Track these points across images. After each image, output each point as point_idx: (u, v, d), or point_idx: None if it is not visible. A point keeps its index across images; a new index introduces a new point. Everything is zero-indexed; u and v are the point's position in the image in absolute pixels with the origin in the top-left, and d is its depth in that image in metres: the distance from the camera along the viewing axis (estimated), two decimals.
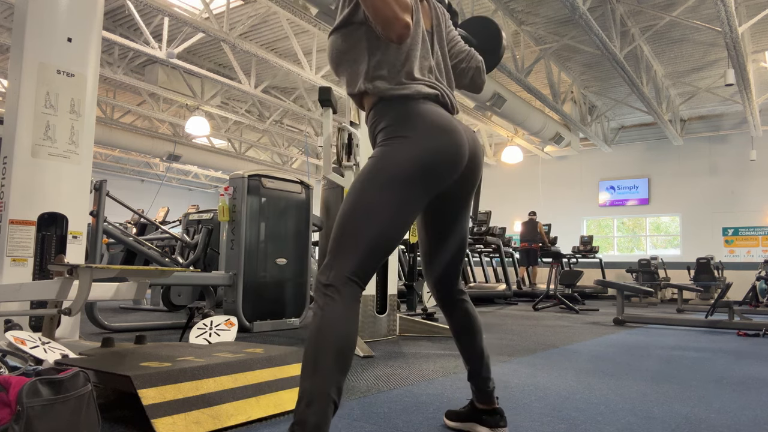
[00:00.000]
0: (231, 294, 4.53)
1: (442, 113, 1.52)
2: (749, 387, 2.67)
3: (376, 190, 1.42)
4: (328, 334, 1.33)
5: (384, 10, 1.37)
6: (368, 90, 1.52)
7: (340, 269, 1.39)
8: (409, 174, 1.42)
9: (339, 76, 1.64)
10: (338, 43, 1.57)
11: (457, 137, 1.49)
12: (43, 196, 2.96)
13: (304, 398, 1.29)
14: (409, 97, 1.49)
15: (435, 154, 1.45)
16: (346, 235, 1.41)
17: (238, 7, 8.32)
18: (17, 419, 1.28)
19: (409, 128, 1.46)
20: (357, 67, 1.54)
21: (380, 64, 1.51)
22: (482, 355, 1.78)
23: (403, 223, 1.45)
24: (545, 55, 9.29)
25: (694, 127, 13.14)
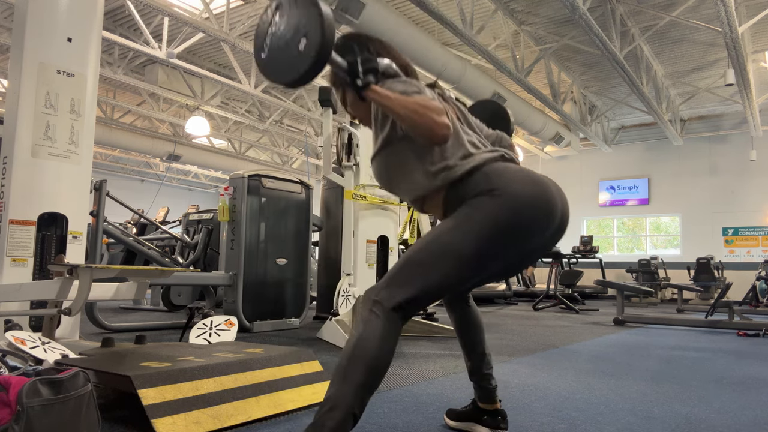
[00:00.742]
0: (231, 294, 4.53)
1: (521, 168, 1.50)
2: (749, 387, 2.67)
3: (465, 236, 1.40)
4: (366, 349, 1.34)
5: (422, 122, 1.39)
6: (435, 187, 1.50)
7: (393, 294, 1.39)
8: (505, 227, 1.40)
9: (395, 191, 1.64)
10: (386, 161, 1.59)
11: (546, 187, 1.46)
12: (43, 196, 2.96)
13: (328, 403, 1.31)
14: (478, 166, 1.48)
15: (529, 206, 1.41)
16: (415, 267, 1.41)
17: (238, 7, 8.32)
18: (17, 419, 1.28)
19: (497, 182, 1.43)
20: (414, 176, 1.54)
21: (435, 164, 1.50)
22: (483, 352, 1.80)
23: (477, 273, 1.45)
24: (545, 55, 9.28)
25: (694, 127, 13.13)
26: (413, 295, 1.39)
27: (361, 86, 1.44)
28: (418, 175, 1.53)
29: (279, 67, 1.44)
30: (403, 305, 1.39)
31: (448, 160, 1.49)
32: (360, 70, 1.46)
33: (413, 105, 1.40)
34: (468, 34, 7.33)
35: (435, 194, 1.52)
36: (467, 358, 1.81)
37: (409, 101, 1.41)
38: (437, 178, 1.49)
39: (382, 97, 1.42)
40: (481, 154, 1.51)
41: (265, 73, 1.48)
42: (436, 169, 1.49)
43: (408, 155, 1.54)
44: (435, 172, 1.49)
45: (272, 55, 1.47)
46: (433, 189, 1.50)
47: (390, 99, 1.41)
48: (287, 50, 1.42)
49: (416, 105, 1.40)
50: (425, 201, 1.56)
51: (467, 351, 1.81)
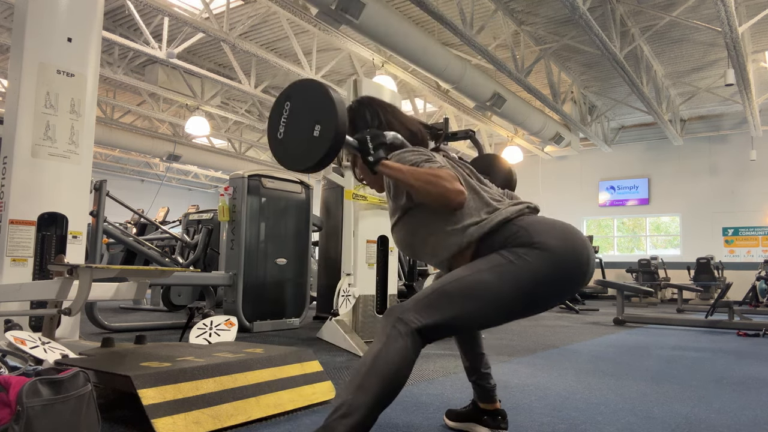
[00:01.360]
0: (231, 294, 4.53)
1: (555, 220, 1.52)
2: (749, 387, 2.67)
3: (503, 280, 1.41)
4: (385, 365, 1.35)
5: (436, 192, 1.41)
6: (466, 242, 1.50)
7: (419, 317, 1.39)
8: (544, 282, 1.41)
9: (421, 257, 1.64)
10: (408, 230, 1.60)
11: (580, 243, 1.47)
12: (43, 196, 2.96)
13: (342, 408, 1.31)
14: (508, 218, 1.49)
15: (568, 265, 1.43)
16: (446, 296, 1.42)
17: (238, 7, 8.32)
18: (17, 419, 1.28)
19: (536, 237, 1.44)
20: (440, 237, 1.54)
21: (461, 222, 1.51)
22: (480, 351, 1.81)
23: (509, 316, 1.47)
24: (545, 55, 9.28)
25: (694, 127, 13.13)
26: (439, 323, 1.40)
27: (372, 162, 1.50)
28: (444, 236, 1.53)
29: (294, 154, 1.52)
30: (427, 329, 1.39)
31: (474, 216, 1.51)
32: (370, 147, 1.52)
33: (425, 176, 1.42)
34: (468, 34, 7.32)
35: (465, 251, 1.52)
36: (464, 357, 1.82)
37: (420, 173, 1.43)
38: (466, 234, 1.49)
39: (394, 171, 1.46)
40: (507, 207, 1.53)
41: (282, 161, 1.56)
42: (463, 225, 1.50)
43: (430, 219, 1.55)
44: (463, 229, 1.50)
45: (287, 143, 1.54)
46: (464, 246, 1.50)
47: (402, 172, 1.45)
48: (301, 137, 1.50)
49: (428, 176, 1.42)
50: (454, 260, 1.55)
51: (464, 350, 1.82)
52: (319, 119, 1.45)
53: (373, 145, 1.52)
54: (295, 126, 1.53)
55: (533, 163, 15.27)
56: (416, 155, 1.54)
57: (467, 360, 1.81)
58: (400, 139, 1.65)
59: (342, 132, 1.42)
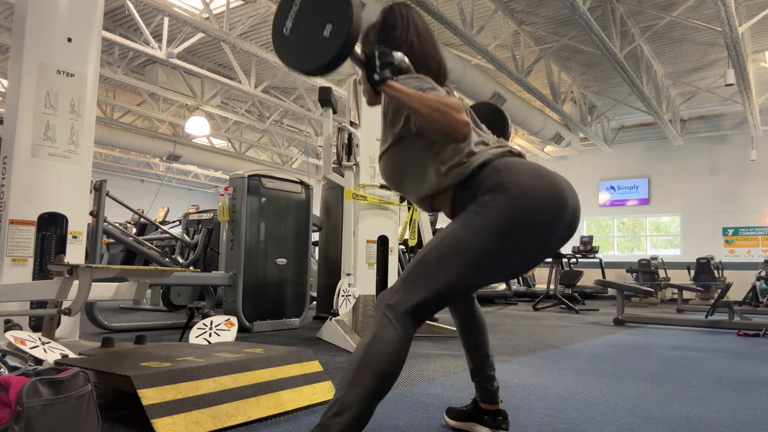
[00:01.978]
0: (231, 294, 4.53)
1: (530, 162, 1.48)
2: (749, 387, 2.67)
3: (476, 235, 1.37)
4: (377, 353, 1.33)
5: (444, 120, 1.36)
6: (446, 185, 1.49)
7: (407, 296, 1.38)
8: (515, 222, 1.37)
9: (401, 190, 1.62)
10: (395, 159, 1.57)
11: (557, 182, 1.43)
12: (43, 196, 2.96)
13: (335, 406, 1.30)
14: (486, 162, 1.46)
15: (540, 201, 1.38)
16: (428, 269, 1.40)
17: (238, 7, 8.32)
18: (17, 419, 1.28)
19: (505, 177, 1.41)
20: (424, 173, 1.52)
21: (446, 162, 1.49)
22: (486, 353, 1.79)
23: (494, 272, 1.43)
24: (545, 55, 9.28)
25: (694, 127, 13.13)
26: (427, 297, 1.38)
27: (377, 81, 1.41)
28: (428, 174, 1.51)
29: (298, 53, 1.40)
30: (417, 308, 1.37)
31: (457, 157, 1.48)
32: (377, 64, 1.42)
33: (434, 102, 1.37)
34: (468, 34, 7.32)
35: (444, 192, 1.51)
36: (470, 359, 1.80)
37: (428, 98, 1.37)
38: (448, 176, 1.48)
39: (401, 93, 1.38)
40: (490, 149, 1.50)
41: (284, 58, 1.44)
42: (446, 167, 1.48)
43: (419, 153, 1.53)
44: (446, 171, 1.48)
45: (292, 39, 1.41)
46: (443, 187, 1.49)
47: (409, 96, 1.38)
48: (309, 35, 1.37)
49: (437, 102, 1.37)
50: (434, 199, 1.54)
51: (470, 352, 1.79)
52: (332, 19, 1.33)
53: (380, 62, 1.42)
54: (304, 22, 1.40)
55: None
56: (421, 82, 1.48)
57: (472, 361, 1.79)
58: (407, 63, 1.57)
59: (354, 37, 1.30)
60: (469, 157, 1.47)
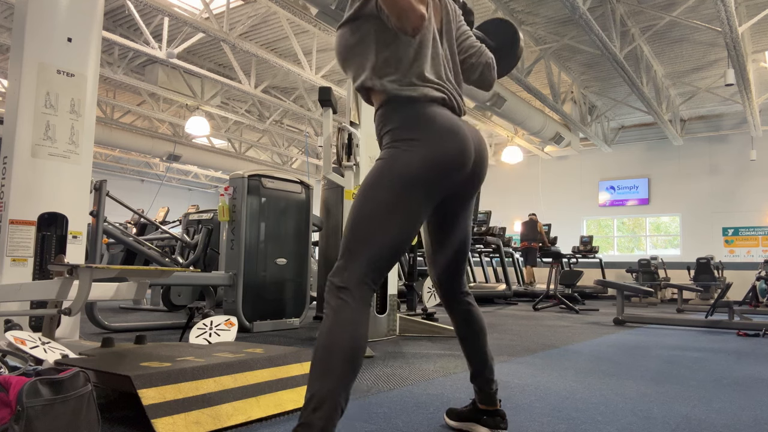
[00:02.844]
0: (231, 294, 4.53)
1: (449, 116, 1.52)
2: (749, 387, 2.67)
3: (383, 192, 1.42)
4: (340, 336, 1.33)
5: (400, 2, 1.34)
6: (375, 87, 1.51)
7: (353, 271, 1.39)
8: (417, 177, 1.42)
9: (346, 71, 1.62)
10: (346, 36, 1.56)
11: (463, 140, 1.49)
12: (43, 196, 2.96)
13: (312, 402, 1.28)
14: (416, 99, 1.49)
15: (442, 157, 1.45)
16: (357, 239, 1.41)
17: (238, 7, 8.32)
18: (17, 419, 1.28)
19: (416, 132, 1.46)
20: (364, 62, 1.53)
21: (389, 61, 1.50)
22: (485, 357, 1.77)
23: (412, 225, 1.45)
24: (545, 55, 9.28)
25: (694, 127, 13.13)
26: (371, 266, 1.39)
27: None
28: (367, 64, 1.52)
29: None
30: (366, 279, 1.39)
31: (400, 66, 1.49)
32: None
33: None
34: None
35: (375, 95, 1.54)
36: (469, 362, 1.78)
37: None
38: (380, 80, 1.50)
39: None
40: (427, 87, 1.50)
41: None
42: (384, 70, 1.49)
43: (369, 37, 1.51)
44: (381, 73, 1.50)
45: None
46: (375, 89, 1.51)
47: None
48: None
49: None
50: (369, 94, 1.57)
51: (469, 356, 1.77)
52: None
53: None
54: None
55: (533, 163, 15.27)
56: None
57: (471, 365, 1.77)
58: None
59: None
60: (407, 78, 1.49)
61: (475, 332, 1.76)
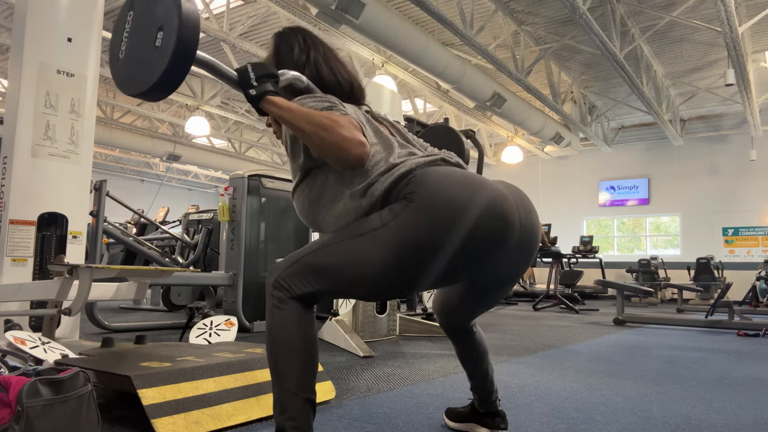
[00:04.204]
0: (231, 294, 4.53)
1: (465, 171, 1.33)
2: (749, 387, 2.67)
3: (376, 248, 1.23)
4: (286, 339, 1.28)
5: (331, 139, 1.19)
6: (365, 207, 1.29)
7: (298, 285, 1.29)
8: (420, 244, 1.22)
9: (318, 228, 1.41)
10: (307, 195, 1.38)
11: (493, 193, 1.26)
12: (43, 196, 2.96)
13: (279, 406, 1.27)
14: (408, 171, 1.27)
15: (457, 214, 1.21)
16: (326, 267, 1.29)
17: (238, 7, 8.33)
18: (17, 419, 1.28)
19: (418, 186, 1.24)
20: (339, 204, 1.32)
21: (366, 181, 1.28)
22: (487, 374, 1.73)
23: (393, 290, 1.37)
24: (545, 55, 9.28)
25: (694, 127, 13.14)
26: (317, 291, 1.29)
27: (254, 96, 1.23)
28: (344, 201, 1.30)
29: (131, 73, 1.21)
30: (307, 297, 1.29)
31: (374, 173, 1.27)
32: (252, 77, 1.25)
33: (319, 119, 1.19)
34: (468, 34, 7.32)
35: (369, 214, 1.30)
36: (470, 377, 1.75)
37: (314, 115, 1.21)
38: (365, 196, 1.28)
39: (282, 110, 1.22)
40: (415, 159, 1.31)
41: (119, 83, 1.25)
42: (363, 187, 1.27)
43: (331, 181, 1.32)
44: (366, 187, 1.27)
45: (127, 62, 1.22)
46: (366, 208, 1.28)
47: (291, 112, 1.21)
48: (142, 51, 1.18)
49: (323, 119, 1.19)
50: None
51: (470, 374, 1.74)
52: (162, 24, 1.12)
53: (255, 75, 1.25)
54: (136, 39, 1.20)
55: (533, 163, 15.27)
56: (319, 102, 1.30)
57: (472, 379, 1.74)
58: (305, 82, 1.39)
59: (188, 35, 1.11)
60: (387, 171, 1.27)
61: (477, 356, 1.71)
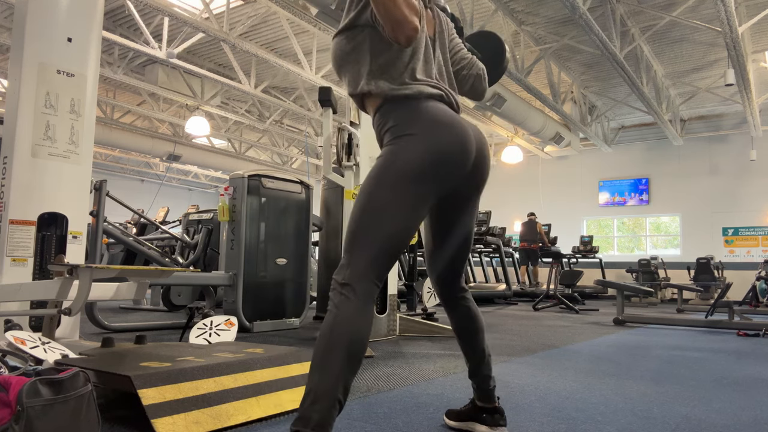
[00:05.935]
0: (231, 294, 4.53)
1: (447, 110, 1.54)
2: (749, 387, 2.67)
3: (385, 188, 1.44)
4: (342, 333, 1.34)
5: (395, 12, 1.38)
6: (371, 90, 1.54)
7: (355, 268, 1.40)
8: (418, 170, 1.44)
9: (341, 78, 1.65)
10: (342, 44, 1.59)
11: (462, 132, 1.51)
12: (43, 196, 2.96)
13: (310, 395, 1.30)
14: (412, 96, 1.51)
15: (442, 150, 1.46)
16: (359, 235, 1.43)
17: (238, 7, 8.32)
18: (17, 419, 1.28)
19: (415, 126, 1.48)
20: (360, 68, 1.56)
21: (383, 67, 1.53)
22: (483, 354, 1.79)
23: (414, 220, 1.47)
24: (545, 55, 9.28)
25: (694, 127, 13.13)
26: (374, 263, 1.41)
27: None
28: (363, 69, 1.55)
29: None
30: (369, 275, 1.40)
31: (394, 69, 1.52)
32: None
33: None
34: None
35: (371, 99, 1.57)
36: (467, 359, 1.80)
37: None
38: (375, 83, 1.52)
39: None
40: (422, 84, 1.53)
41: None
42: (378, 74, 1.52)
43: (364, 45, 1.54)
44: (377, 75, 1.52)
45: None
46: (371, 92, 1.53)
47: None
48: None
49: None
50: (363, 100, 1.61)
51: (467, 353, 1.79)
52: None
53: None
54: None
55: (533, 163, 15.27)
56: None
57: (469, 362, 1.80)
58: None
59: None
60: (402, 78, 1.52)
61: (473, 329, 1.78)
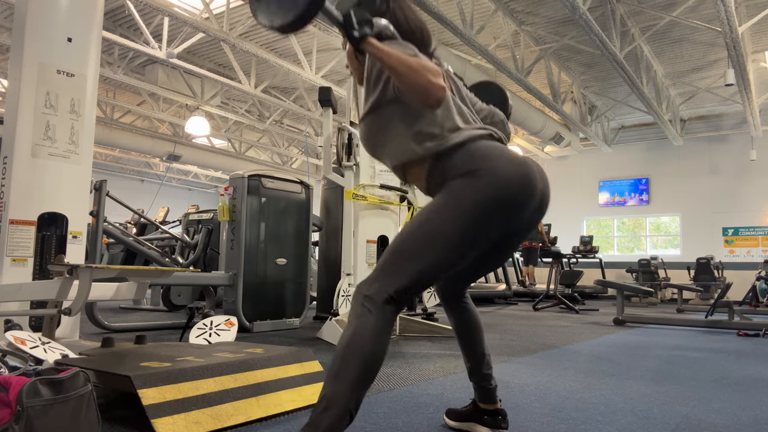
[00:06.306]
0: (231, 294, 4.53)
1: (507, 148, 1.52)
2: (749, 387, 2.67)
3: (448, 220, 1.41)
4: (360, 346, 1.34)
5: (420, 81, 1.37)
6: (419, 155, 1.50)
7: (384, 286, 1.39)
8: (486, 206, 1.41)
9: (378, 156, 1.64)
10: (372, 125, 1.59)
11: (527, 167, 1.47)
12: (43, 196, 2.96)
13: (323, 402, 1.31)
14: (464, 142, 1.48)
15: (510, 186, 1.43)
16: (403, 256, 1.42)
17: (238, 7, 8.32)
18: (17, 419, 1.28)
19: (477, 163, 1.44)
20: (399, 140, 1.54)
21: (421, 132, 1.51)
22: (483, 353, 1.79)
23: (467, 255, 1.45)
24: (545, 55, 9.28)
25: (694, 127, 13.13)
26: (404, 286, 1.40)
27: (358, 38, 1.40)
28: (403, 140, 1.53)
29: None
30: (394, 297, 1.39)
31: (435, 128, 1.50)
32: (354, 21, 1.41)
33: (412, 62, 1.37)
34: (468, 34, 7.32)
35: (418, 164, 1.53)
36: (467, 358, 1.81)
37: (407, 59, 1.38)
38: (421, 146, 1.50)
39: (380, 51, 1.39)
40: (469, 129, 1.51)
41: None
42: (422, 136, 1.50)
43: (396, 119, 1.54)
44: (421, 140, 1.50)
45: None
46: (416, 158, 1.51)
47: (389, 54, 1.38)
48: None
49: (415, 63, 1.37)
50: (407, 169, 1.57)
51: (466, 352, 1.80)
52: None
53: (357, 19, 1.41)
54: None
55: None
56: (404, 48, 1.48)
57: (469, 361, 1.80)
58: (392, 30, 1.56)
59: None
60: (449, 133, 1.49)
61: (473, 329, 1.79)
